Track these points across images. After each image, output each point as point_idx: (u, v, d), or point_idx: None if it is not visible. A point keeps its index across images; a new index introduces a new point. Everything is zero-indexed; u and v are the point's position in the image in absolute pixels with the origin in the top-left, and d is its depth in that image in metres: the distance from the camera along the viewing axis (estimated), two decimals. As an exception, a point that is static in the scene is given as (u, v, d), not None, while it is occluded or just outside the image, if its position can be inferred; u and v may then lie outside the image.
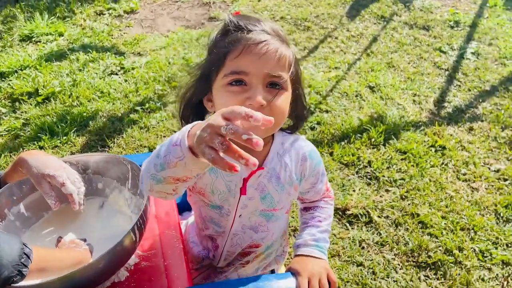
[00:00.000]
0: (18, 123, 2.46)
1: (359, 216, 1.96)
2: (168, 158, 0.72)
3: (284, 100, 0.93)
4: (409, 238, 1.87)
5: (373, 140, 2.37)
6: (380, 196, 2.06)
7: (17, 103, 2.62)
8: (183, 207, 1.49)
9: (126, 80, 2.85)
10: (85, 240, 1.07)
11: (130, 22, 3.67)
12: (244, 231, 1.13)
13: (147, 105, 2.60)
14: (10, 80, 2.80)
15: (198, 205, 1.13)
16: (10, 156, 2.24)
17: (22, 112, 2.56)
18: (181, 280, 1.03)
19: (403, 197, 2.06)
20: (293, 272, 1.01)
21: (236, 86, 0.90)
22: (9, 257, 0.80)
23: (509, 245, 1.85)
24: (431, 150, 2.31)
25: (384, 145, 2.35)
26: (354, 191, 2.09)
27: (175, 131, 2.42)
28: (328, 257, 1.76)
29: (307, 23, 3.58)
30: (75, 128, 2.41)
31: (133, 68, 2.96)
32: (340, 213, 1.98)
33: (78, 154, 1.22)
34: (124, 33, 3.52)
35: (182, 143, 0.69)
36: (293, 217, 1.95)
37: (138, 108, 2.58)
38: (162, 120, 2.50)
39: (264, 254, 1.21)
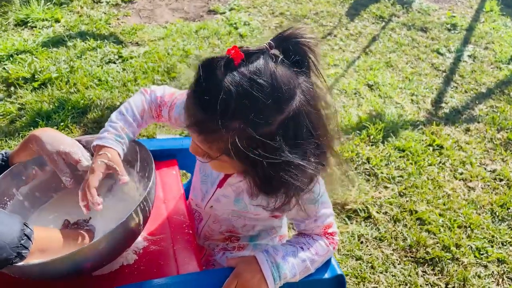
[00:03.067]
0: (14, 108, 2.41)
1: (358, 211, 1.97)
2: None
3: (215, 164, 0.86)
4: (407, 234, 1.88)
5: (372, 137, 2.38)
6: (379, 193, 2.07)
7: (12, 88, 2.57)
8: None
9: (124, 69, 2.81)
10: (89, 219, 1.05)
11: (128, 11, 3.63)
12: (218, 219, 1.12)
13: (146, 94, 2.57)
14: (6, 65, 2.74)
15: (195, 174, 1.15)
16: (6, 140, 2.19)
17: (17, 97, 2.51)
18: (190, 265, 1.02)
19: (401, 194, 2.08)
20: (231, 274, 0.93)
21: None
22: (7, 239, 0.77)
23: (504, 243, 1.88)
24: (429, 149, 2.34)
25: (383, 142, 2.36)
26: (353, 186, 2.10)
27: (174, 122, 2.40)
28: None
29: (307, 20, 3.58)
30: (73, 115, 2.37)
31: (131, 58, 2.93)
32: (339, 207, 1.99)
33: (87, 135, 1.19)
34: (122, 22, 3.47)
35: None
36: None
37: (136, 97, 2.55)
38: (161, 110, 2.47)
39: (251, 245, 1.18)
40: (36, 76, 2.63)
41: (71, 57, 2.87)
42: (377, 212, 1.98)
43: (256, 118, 0.72)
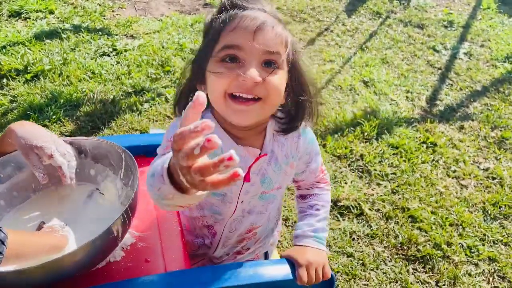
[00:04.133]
0: (6, 100, 2.39)
1: (351, 208, 1.97)
2: (162, 192, 0.63)
3: (280, 79, 0.88)
4: (399, 232, 1.88)
5: (366, 134, 2.38)
6: (372, 189, 2.07)
7: (4, 80, 2.54)
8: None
9: (118, 62, 2.79)
10: (66, 225, 1.03)
11: (123, 3, 3.60)
12: (243, 215, 1.12)
13: (139, 88, 2.56)
14: (-2, 56, 2.71)
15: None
16: (-3, 133, 2.17)
17: (10, 88, 2.48)
18: (178, 262, 1.02)
19: (394, 191, 2.08)
20: (291, 261, 1.00)
21: (229, 62, 0.85)
22: None
23: (496, 242, 1.88)
24: (422, 146, 2.34)
25: (376, 139, 2.36)
26: (346, 183, 2.10)
27: (167, 116, 2.39)
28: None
29: (303, 15, 3.56)
30: (65, 108, 2.35)
31: (125, 50, 2.90)
32: (331, 204, 1.99)
33: (71, 137, 1.15)
34: (116, 14, 3.44)
35: (166, 181, 0.60)
36: (284, 207, 1.94)
37: (130, 90, 2.53)
38: (155, 104, 2.46)
39: (261, 236, 1.20)
40: (28, 68, 2.61)
41: (64, 49, 2.84)
42: (370, 209, 1.98)
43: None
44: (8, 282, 0.83)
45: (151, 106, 2.45)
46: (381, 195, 2.04)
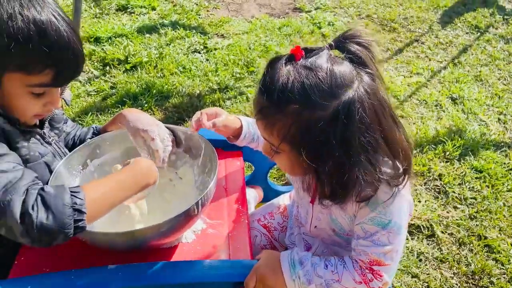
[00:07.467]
0: (107, 86, 2.66)
1: (421, 228, 1.90)
2: None
3: (285, 160, 0.93)
4: (471, 260, 1.78)
5: (447, 153, 2.27)
6: (447, 212, 1.98)
7: (107, 68, 2.82)
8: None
9: (207, 60, 2.96)
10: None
11: (218, 4, 3.78)
12: (328, 245, 1.14)
13: (224, 85, 2.69)
14: (104, 46, 3.02)
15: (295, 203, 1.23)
16: (96, 115, 2.43)
17: (111, 76, 2.75)
18: (243, 251, 1.08)
19: (472, 217, 1.96)
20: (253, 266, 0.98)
21: None
22: (58, 221, 0.77)
23: None
24: (510, 173, 2.17)
25: (459, 160, 2.24)
26: (419, 201, 2.02)
27: (246, 114, 2.49)
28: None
29: (394, 25, 3.47)
30: (156, 98, 2.56)
31: (215, 49, 3.06)
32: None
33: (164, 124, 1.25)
34: (210, 14, 3.63)
35: None
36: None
37: (215, 87, 2.68)
38: (236, 102, 2.57)
39: None
40: (129, 59, 2.87)
41: (161, 43, 3.08)
42: (442, 232, 1.89)
43: (310, 102, 0.81)
44: (97, 240, 0.96)
45: (232, 104, 2.56)
46: (457, 219, 1.94)
